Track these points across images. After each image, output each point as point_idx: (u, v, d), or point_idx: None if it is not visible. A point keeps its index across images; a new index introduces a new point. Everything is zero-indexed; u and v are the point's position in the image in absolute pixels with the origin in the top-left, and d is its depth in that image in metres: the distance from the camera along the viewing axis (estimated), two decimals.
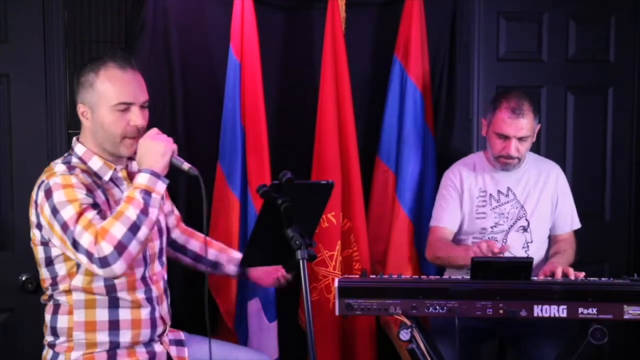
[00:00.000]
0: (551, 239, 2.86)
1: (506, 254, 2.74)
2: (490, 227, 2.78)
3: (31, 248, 2.13)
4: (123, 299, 2.11)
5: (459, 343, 2.38)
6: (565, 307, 2.27)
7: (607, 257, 3.45)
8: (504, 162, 2.73)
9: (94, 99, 2.09)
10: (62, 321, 2.10)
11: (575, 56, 3.45)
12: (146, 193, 2.00)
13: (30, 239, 2.12)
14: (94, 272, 1.97)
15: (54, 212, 1.97)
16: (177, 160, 2.12)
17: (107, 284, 2.08)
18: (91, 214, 1.97)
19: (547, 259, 2.83)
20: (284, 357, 3.02)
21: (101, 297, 2.09)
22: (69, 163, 2.11)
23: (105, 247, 1.91)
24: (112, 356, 2.11)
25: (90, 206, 2.00)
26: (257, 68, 2.93)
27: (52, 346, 2.13)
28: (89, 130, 2.13)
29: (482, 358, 2.83)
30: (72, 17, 2.82)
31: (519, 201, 2.78)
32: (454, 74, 3.31)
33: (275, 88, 3.14)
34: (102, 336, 2.10)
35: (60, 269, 2.07)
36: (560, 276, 2.41)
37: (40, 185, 2.05)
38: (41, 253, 2.09)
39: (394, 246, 3.13)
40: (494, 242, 2.47)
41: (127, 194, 2.01)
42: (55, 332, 2.12)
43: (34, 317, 2.45)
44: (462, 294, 2.28)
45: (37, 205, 2.04)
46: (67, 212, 1.96)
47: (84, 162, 2.13)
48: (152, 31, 2.93)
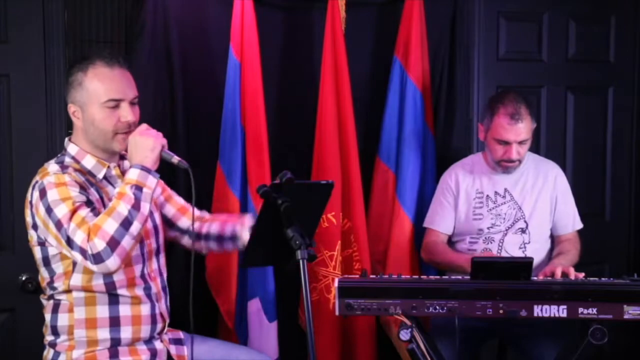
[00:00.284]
0: (554, 239, 2.86)
1: (503, 254, 2.75)
2: (487, 228, 2.78)
3: (31, 248, 2.14)
4: (123, 296, 2.11)
5: (459, 343, 2.38)
6: (565, 307, 2.27)
7: (607, 257, 3.46)
8: (506, 166, 2.74)
9: (84, 97, 2.10)
10: (62, 319, 2.11)
11: (575, 56, 3.45)
12: (137, 188, 2.01)
13: (29, 240, 2.13)
14: (90, 269, 1.98)
15: (48, 211, 1.98)
16: (167, 154, 2.13)
17: (107, 282, 2.09)
18: (84, 211, 1.98)
19: (550, 260, 2.84)
20: (284, 357, 3.02)
21: (101, 294, 2.09)
22: (62, 163, 2.12)
23: (98, 243, 1.91)
24: (114, 354, 2.12)
25: (84, 204, 2.01)
26: (257, 68, 2.93)
27: (53, 345, 2.13)
28: (80, 130, 2.14)
29: (482, 358, 2.84)
30: (72, 17, 2.82)
31: (516, 202, 2.78)
32: (454, 74, 3.31)
33: (275, 88, 3.14)
34: (103, 333, 2.10)
35: (57, 268, 2.08)
36: (559, 276, 2.41)
37: (35, 185, 2.06)
38: (38, 253, 2.10)
39: (394, 246, 3.13)
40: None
41: (118, 190, 2.02)
42: (55, 330, 2.12)
43: (34, 317, 2.44)
44: (462, 294, 2.29)
45: (32, 206, 2.05)
46: (61, 210, 1.97)
47: (77, 162, 2.14)
48: (152, 31, 2.92)
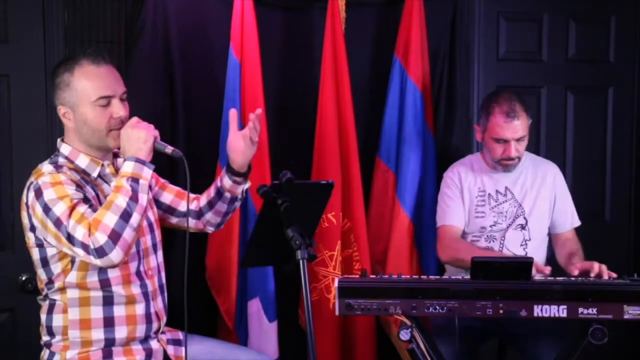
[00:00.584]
0: (554, 238, 2.86)
1: (505, 252, 2.75)
2: (490, 226, 2.78)
3: (28, 250, 2.14)
4: (117, 295, 2.11)
5: (459, 343, 2.38)
6: (565, 307, 2.27)
7: (607, 257, 3.45)
8: (506, 164, 2.74)
9: (73, 98, 2.09)
10: (57, 320, 2.11)
11: (575, 56, 3.45)
12: (133, 180, 2.01)
13: (26, 242, 2.12)
14: (93, 264, 1.98)
15: (46, 210, 1.98)
16: (161, 145, 2.13)
17: (102, 279, 2.09)
18: (83, 207, 1.98)
19: (548, 259, 2.84)
20: (284, 357, 3.02)
21: (95, 293, 2.09)
22: (56, 163, 2.11)
23: (100, 237, 1.92)
24: (108, 354, 2.11)
25: (82, 200, 2.01)
26: (257, 68, 2.93)
27: (49, 345, 2.13)
28: (72, 130, 2.13)
29: (482, 358, 2.83)
30: (72, 17, 2.82)
31: (516, 200, 2.79)
32: (454, 74, 3.31)
33: (275, 88, 3.14)
34: (97, 334, 2.10)
35: (55, 268, 2.08)
36: (596, 272, 2.41)
37: (30, 186, 2.05)
38: (36, 255, 2.09)
39: (394, 246, 3.13)
40: (539, 267, 2.43)
41: (115, 183, 2.03)
42: (51, 331, 2.12)
43: (34, 317, 2.43)
44: (462, 294, 2.28)
45: (28, 207, 2.04)
46: (59, 208, 1.97)
47: (70, 161, 2.13)
48: (152, 31, 2.93)
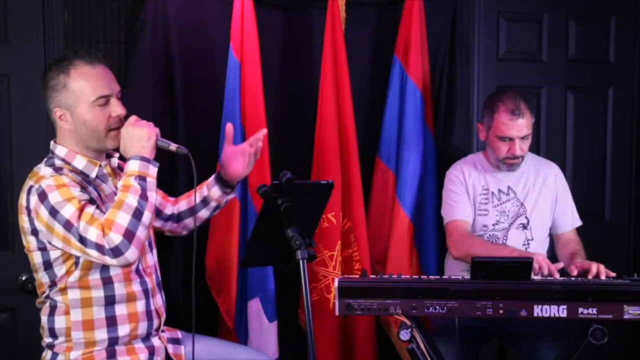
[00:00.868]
0: (555, 238, 2.86)
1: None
2: (492, 225, 2.79)
3: (27, 254, 2.12)
4: (119, 293, 2.11)
5: (459, 343, 2.38)
6: (565, 307, 2.27)
7: (607, 257, 3.45)
8: (510, 163, 2.75)
9: (70, 99, 2.07)
10: (59, 322, 2.10)
11: (575, 56, 3.45)
12: (141, 179, 2.00)
13: (24, 246, 2.10)
14: (107, 264, 1.97)
15: (53, 213, 1.96)
16: (164, 142, 2.13)
17: (104, 277, 2.08)
18: (91, 208, 1.97)
19: (549, 258, 2.83)
20: (284, 357, 3.02)
21: (97, 293, 2.08)
22: (53, 165, 2.09)
23: (115, 237, 1.91)
24: (112, 354, 2.11)
25: (88, 202, 2.00)
26: (257, 68, 2.93)
27: (51, 347, 2.13)
28: (69, 132, 2.11)
29: (482, 358, 2.83)
30: (72, 17, 2.82)
31: (519, 199, 2.79)
32: (454, 74, 3.31)
33: (275, 88, 3.14)
34: (100, 334, 2.10)
35: (59, 270, 2.06)
36: (595, 273, 2.41)
37: (30, 190, 2.02)
38: (38, 258, 2.07)
39: (394, 246, 3.13)
40: (546, 264, 2.43)
41: (122, 182, 2.01)
42: (53, 333, 2.11)
43: (34, 317, 2.43)
44: (462, 294, 2.28)
45: (29, 211, 2.02)
46: (68, 210, 1.95)
47: (67, 163, 2.11)
48: (152, 31, 2.93)
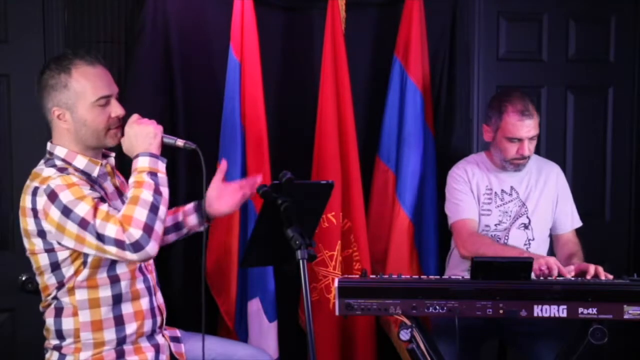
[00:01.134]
0: (554, 239, 2.86)
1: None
2: (494, 225, 2.78)
3: (29, 257, 2.10)
4: (125, 292, 2.11)
5: (459, 343, 2.38)
6: (565, 307, 2.27)
7: (607, 257, 3.45)
8: (518, 164, 2.75)
9: (71, 99, 2.06)
10: (67, 323, 2.08)
11: (575, 56, 3.45)
12: (152, 175, 2.01)
13: (27, 249, 2.08)
14: (126, 260, 1.97)
15: (66, 212, 1.94)
16: (170, 139, 2.13)
17: (111, 275, 2.08)
18: (105, 206, 1.98)
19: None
20: (284, 357, 3.02)
21: (104, 293, 2.08)
22: (55, 166, 2.07)
23: (135, 232, 1.91)
24: (120, 354, 2.11)
25: (100, 199, 2.00)
26: (257, 68, 2.93)
27: (59, 348, 2.11)
28: (67, 131, 2.10)
29: (482, 358, 2.83)
30: (72, 17, 2.82)
31: (521, 199, 2.79)
32: (454, 74, 3.31)
33: (275, 88, 3.14)
34: (109, 334, 2.10)
35: (67, 271, 2.04)
36: (592, 274, 2.41)
37: (36, 191, 2.00)
38: (44, 260, 2.05)
39: (394, 246, 3.12)
40: (556, 266, 2.44)
41: (134, 179, 2.01)
42: (61, 334, 2.10)
43: (34, 317, 2.43)
44: (462, 294, 2.28)
45: (36, 212, 1.99)
46: (82, 209, 1.94)
47: (68, 163, 2.10)
48: (152, 31, 2.93)
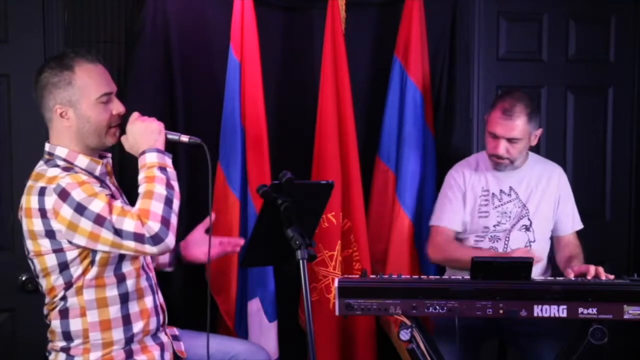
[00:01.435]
0: (555, 240, 2.86)
1: (509, 252, 2.74)
2: (493, 226, 2.78)
3: (32, 259, 2.08)
4: (131, 291, 2.11)
5: (459, 343, 2.38)
6: (565, 307, 2.27)
7: (607, 257, 3.46)
8: (495, 162, 2.74)
9: (75, 96, 2.06)
10: (74, 324, 2.08)
11: (575, 56, 3.45)
12: (162, 169, 2.03)
13: (30, 250, 2.06)
14: (144, 254, 1.98)
15: (80, 209, 1.94)
16: (174, 135, 2.15)
17: (117, 273, 2.08)
18: (118, 202, 1.99)
19: (550, 260, 2.83)
20: (284, 357, 3.02)
21: (111, 292, 2.08)
22: (58, 166, 2.06)
23: (154, 225, 1.93)
24: (129, 353, 2.12)
25: (111, 196, 2.01)
26: (257, 68, 2.93)
27: (66, 350, 2.10)
28: (68, 129, 2.09)
29: (482, 358, 2.83)
30: (72, 17, 2.82)
31: (521, 200, 2.78)
32: (454, 74, 3.31)
33: (275, 88, 3.14)
34: (117, 333, 2.10)
35: (76, 271, 2.03)
36: (593, 275, 2.41)
37: (43, 191, 1.98)
38: (51, 261, 2.03)
39: (394, 246, 3.12)
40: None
41: (144, 174, 2.03)
42: (68, 336, 2.09)
43: (34, 317, 2.43)
44: (462, 294, 2.28)
45: (44, 212, 1.97)
46: (97, 205, 1.94)
47: (70, 163, 2.09)
48: (152, 31, 2.93)
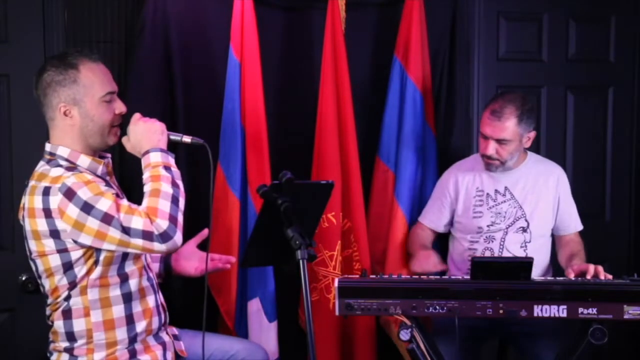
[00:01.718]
0: (556, 240, 2.86)
1: (505, 253, 2.75)
2: (487, 226, 2.78)
3: (35, 259, 2.08)
4: (134, 290, 2.12)
5: (459, 342, 2.38)
6: (565, 307, 2.27)
7: (607, 257, 3.46)
8: (486, 162, 2.75)
9: (80, 94, 2.06)
10: (78, 324, 2.08)
11: (575, 56, 3.45)
12: (167, 168, 2.04)
13: (33, 251, 2.05)
14: (152, 251, 1.98)
15: (87, 208, 1.93)
16: (176, 136, 2.15)
17: (120, 273, 2.08)
18: (124, 200, 2.00)
19: (551, 260, 2.83)
20: (284, 357, 3.02)
21: (114, 292, 2.08)
22: (60, 166, 2.05)
23: (162, 223, 1.94)
24: (133, 353, 2.12)
25: (117, 195, 2.02)
26: (257, 68, 2.93)
27: (70, 350, 2.10)
28: (70, 128, 2.09)
29: (482, 358, 2.84)
30: (72, 17, 2.82)
31: (517, 201, 2.78)
32: (454, 74, 3.31)
33: (275, 88, 3.14)
34: (121, 333, 2.10)
35: (80, 271, 2.03)
36: (592, 274, 2.41)
37: (47, 191, 1.97)
38: (55, 261, 2.02)
39: (392, 246, 3.12)
40: (434, 264, 2.60)
41: (149, 173, 2.03)
42: (72, 336, 2.09)
43: (34, 317, 2.44)
44: (462, 294, 2.29)
45: (49, 212, 1.96)
46: (104, 204, 1.94)
47: (72, 163, 2.08)
48: (152, 31, 2.93)
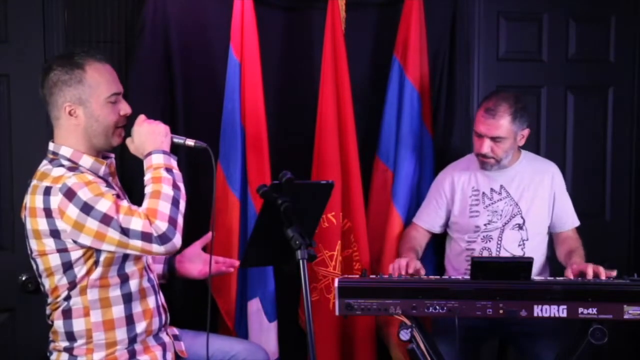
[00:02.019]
0: (554, 237, 2.86)
1: (502, 252, 2.74)
2: (484, 225, 2.78)
3: (35, 259, 2.08)
4: (134, 291, 2.12)
5: (459, 342, 2.38)
6: (565, 307, 2.27)
7: (607, 257, 3.46)
8: (481, 161, 2.75)
9: (85, 94, 2.06)
10: (78, 324, 2.08)
11: (575, 56, 3.45)
12: (169, 171, 2.04)
13: (34, 250, 2.05)
14: (151, 253, 1.98)
15: (86, 209, 1.93)
16: (179, 139, 2.15)
17: (120, 273, 2.08)
18: (124, 202, 2.00)
19: (548, 258, 2.84)
20: (284, 357, 3.02)
21: (114, 292, 2.08)
22: (63, 166, 2.05)
23: (161, 225, 1.94)
24: (132, 354, 2.12)
25: (117, 196, 2.01)
26: (257, 68, 2.93)
27: (69, 350, 2.10)
28: (75, 128, 2.08)
29: (482, 358, 2.84)
30: (72, 17, 2.82)
31: (513, 199, 2.78)
32: (454, 74, 3.30)
33: (275, 88, 3.14)
34: (120, 333, 2.10)
35: (80, 271, 2.03)
36: (591, 276, 2.40)
37: (48, 190, 1.97)
38: (55, 261, 2.02)
39: (388, 246, 3.12)
40: (410, 264, 2.55)
41: (151, 175, 2.03)
42: (72, 336, 2.09)
43: (34, 317, 2.44)
44: (462, 294, 2.29)
45: (49, 212, 1.96)
46: (104, 205, 1.94)
47: (74, 163, 2.08)
48: (152, 31, 2.93)
